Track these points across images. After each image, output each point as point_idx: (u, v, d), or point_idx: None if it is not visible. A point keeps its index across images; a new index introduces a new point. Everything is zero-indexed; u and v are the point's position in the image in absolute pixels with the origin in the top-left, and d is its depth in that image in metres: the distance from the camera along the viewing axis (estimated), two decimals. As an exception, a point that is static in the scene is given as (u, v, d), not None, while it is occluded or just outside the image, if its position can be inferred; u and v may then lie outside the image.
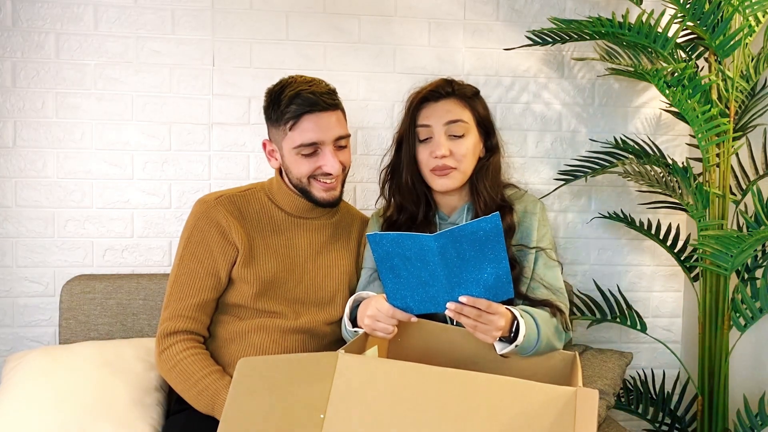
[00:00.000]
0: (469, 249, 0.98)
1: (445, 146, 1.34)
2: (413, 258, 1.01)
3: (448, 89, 1.37)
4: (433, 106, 1.36)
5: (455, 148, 1.34)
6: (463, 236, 0.98)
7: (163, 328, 1.36)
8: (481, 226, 0.96)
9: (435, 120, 1.35)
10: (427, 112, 1.36)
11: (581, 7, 2.00)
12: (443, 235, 0.98)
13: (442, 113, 1.35)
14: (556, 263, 1.37)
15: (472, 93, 1.40)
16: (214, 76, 1.87)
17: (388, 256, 1.03)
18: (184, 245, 1.40)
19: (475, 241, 0.98)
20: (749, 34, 1.64)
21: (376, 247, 1.03)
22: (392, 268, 1.04)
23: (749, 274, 1.72)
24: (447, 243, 0.98)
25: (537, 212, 1.38)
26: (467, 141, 1.36)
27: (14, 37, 1.78)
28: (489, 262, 0.99)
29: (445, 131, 1.35)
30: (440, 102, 1.36)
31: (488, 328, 1.08)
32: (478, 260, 0.99)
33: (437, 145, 1.34)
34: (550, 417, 0.90)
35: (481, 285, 1.02)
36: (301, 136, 1.34)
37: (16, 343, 1.82)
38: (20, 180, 1.80)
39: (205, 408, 1.31)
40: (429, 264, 1.01)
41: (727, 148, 1.68)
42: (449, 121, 1.34)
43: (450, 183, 1.36)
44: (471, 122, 1.37)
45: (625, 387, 1.97)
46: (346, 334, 1.35)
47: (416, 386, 0.94)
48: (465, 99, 1.38)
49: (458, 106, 1.36)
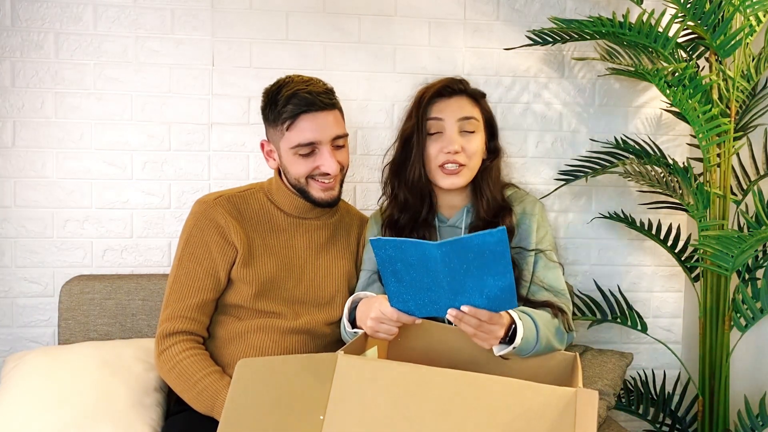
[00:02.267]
0: (473, 260, 0.96)
1: (458, 142, 1.34)
2: (415, 264, 1.00)
3: (461, 86, 1.39)
4: (446, 101, 1.37)
5: (467, 144, 1.35)
6: (467, 247, 0.95)
7: (162, 328, 1.36)
8: (486, 239, 0.94)
9: (448, 114, 1.36)
10: (440, 107, 1.37)
11: (581, 6, 2.00)
12: (447, 245, 0.96)
13: (456, 108, 1.36)
14: (556, 264, 1.36)
15: (481, 95, 1.43)
16: (214, 76, 1.87)
17: (390, 261, 1.02)
18: (183, 246, 1.40)
19: (479, 253, 0.95)
20: (750, 33, 1.63)
21: (378, 251, 1.02)
22: (394, 272, 1.03)
23: (750, 274, 1.71)
24: (451, 252, 0.96)
25: (536, 213, 1.38)
26: (477, 139, 1.37)
27: (13, 37, 1.78)
28: (493, 274, 0.98)
29: (458, 127, 1.35)
30: (453, 98, 1.37)
31: (487, 336, 1.09)
32: (481, 271, 0.98)
33: (449, 141, 1.34)
34: (550, 418, 0.90)
35: (484, 295, 1.01)
36: (298, 136, 1.34)
37: (15, 344, 1.81)
38: (19, 180, 1.80)
39: (204, 408, 1.31)
40: (431, 270, 1.00)
41: (728, 148, 1.67)
42: (463, 117, 1.35)
43: (459, 181, 1.36)
44: (481, 121, 1.39)
45: (625, 387, 1.97)
46: (345, 335, 1.35)
47: (416, 387, 0.93)
48: (475, 98, 1.40)
49: (470, 103, 1.38)
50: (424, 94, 1.39)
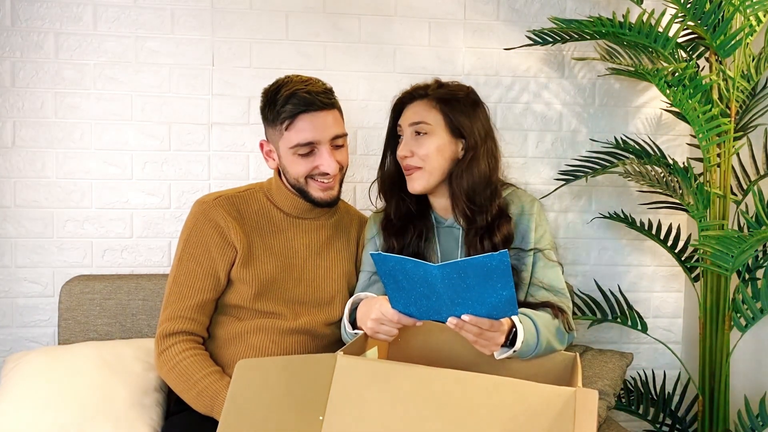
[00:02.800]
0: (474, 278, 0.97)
1: (406, 146, 1.36)
2: (416, 279, 1.01)
3: (421, 92, 1.38)
4: (407, 108, 1.39)
5: (416, 148, 1.35)
6: (468, 269, 0.96)
7: (162, 328, 1.36)
8: (487, 261, 0.94)
9: (404, 120, 1.38)
10: (402, 114, 1.40)
11: (581, 6, 2.00)
12: (448, 266, 0.96)
13: (409, 115, 1.37)
14: (555, 263, 1.36)
15: (451, 96, 1.36)
16: (214, 76, 1.86)
17: (391, 273, 1.03)
18: (183, 246, 1.40)
19: (481, 274, 0.96)
20: (750, 33, 1.63)
21: (380, 266, 1.03)
22: (396, 281, 1.04)
23: (750, 274, 1.71)
24: (451, 273, 0.97)
25: (534, 212, 1.37)
26: (429, 141, 1.34)
27: (13, 37, 1.78)
28: (495, 289, 0.98)
29: (411, 131, 1.36)
30: (412, 104, 1.38)
31: (488, 343, 1.09)
32: (482, 287, 0.98)
33: (401, 146, 1.37)
34: (550, 417, 0.90)
35: (486, 305, 1.01)
36: (297, 136, 1.34)
37: (15, 344, 1.81)
38: (19, 180, 1.80)
39: (204, 409, 1.31)
40: (432, 285, 1.01)
41: (728, 148, 1.67)
42: (412, 122, 1.36)
43: (415, 184, 1.36)
44: (436, 123, 1.34)
45: (625, 387, 1.97)
46: (345, 336, 1.35)
47: (415, 388, 0.93)
48: (437, 101, 1.35)
49: (427, 107, 1.36)
50: (394, 102, 1.43)
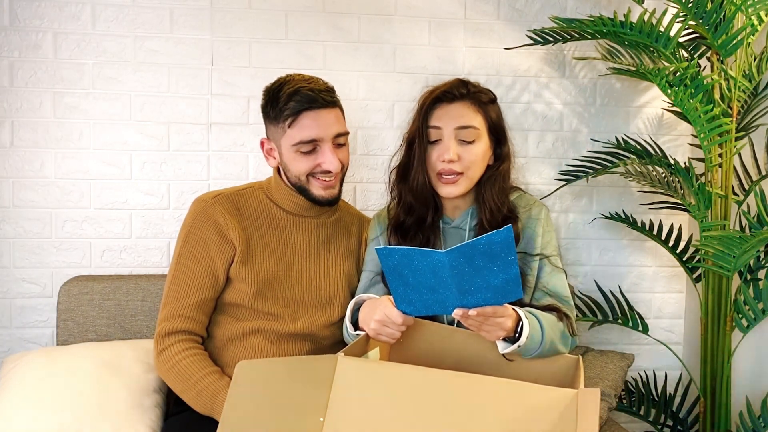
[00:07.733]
0: (481, 260, 0.98)
1: (454, 150, 1.30)
2: (423, 269, 1.01)
3: (463, 91, 1.33)
4: (446, 107, 1.33)
5: (464, 153, 1.31)
6: (475, 250, 0.97)
7: (161, 328, 1.36)
8: (493, 239, 0.96)
9: (446, 122, 1.32)
10: (439, 113, 1.33)
11: (582, 6, 1.99)
12: (455, 251, 0.97)
13: (454, 116, 1.31)
14: (561, 270, 1.35)
15: (488, 99, 1.36)
16: (213, 76, 1.86)
17: (397, 267, 1.03)
18: (182, 244, 1.40)
19: (487, 252, 0.97)
20: (752, 33, 1.63)
21: (385, 260, 1.03)
22: (401, 276, 1.04)
23: (752, 275, 1.71)
24: (459, 257, 0.98)
25: (541, 218, 1.36)
26: (477, 147, 1.32)
27: (11, 36, 1.77)
28: (500, 269, 0.99)
29: (455, 135, 1.31)
30: (453, 104, 1.32)
31: (494, 329, 1.09)
32: (488, 269, 0.99)
33: (445, 149, 1.30)
34: (552, 419, 0.90)
35: (491, 289, 1.02)
36: (300, 133, 1.34)
37: (13, 345, 1.81)
38: (18, 180, 1.79)
39: (204, 408, 1.30)
40: (439, 275, 1.01)
41: (730, 148, 1.67)
42: (460, 126, 1.31)
43: (455, 190, 1.33)
44: (482, 128, 1.33)
45: (626, 388, 1.96)
46: (347, 337, 1.34)
47: (417, 389, 0.93)
48: (479, 103, 1.34)
49: (471, 110, 1.32)
50: (426, 99, 1.36)
